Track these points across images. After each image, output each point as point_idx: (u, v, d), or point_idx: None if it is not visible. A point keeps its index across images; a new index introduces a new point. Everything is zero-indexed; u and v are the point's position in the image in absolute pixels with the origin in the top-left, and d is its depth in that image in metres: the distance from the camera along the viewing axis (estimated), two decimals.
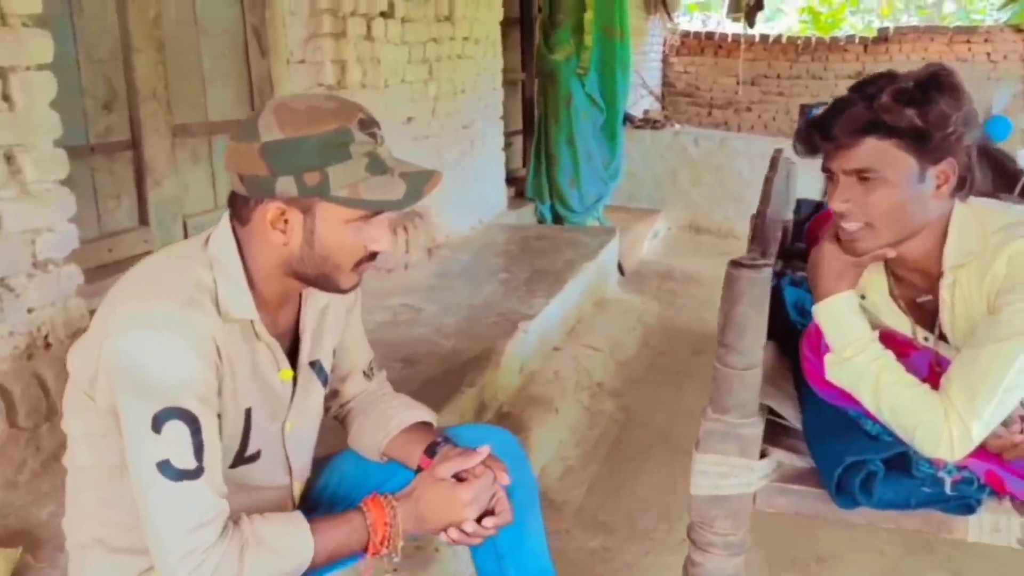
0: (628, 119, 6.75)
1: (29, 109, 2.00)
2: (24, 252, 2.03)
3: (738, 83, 8.84)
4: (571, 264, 4.05)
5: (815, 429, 1.60)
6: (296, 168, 1.17)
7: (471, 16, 4.49)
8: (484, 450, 1.40)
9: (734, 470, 1.49)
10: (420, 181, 1.24)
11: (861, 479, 1.43)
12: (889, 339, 1.58)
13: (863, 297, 1.63)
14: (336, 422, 1.61)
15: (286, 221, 1.22)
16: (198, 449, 1.15)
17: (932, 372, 1.54)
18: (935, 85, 1.39)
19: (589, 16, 5.54)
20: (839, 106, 1.44)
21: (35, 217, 2.04)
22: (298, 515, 1.26)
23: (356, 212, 1.22)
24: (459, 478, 1.37)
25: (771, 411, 1.59)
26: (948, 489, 1.43)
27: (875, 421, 1.50)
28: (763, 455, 1.54)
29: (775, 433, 1.60)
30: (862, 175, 1.40)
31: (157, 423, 1.13)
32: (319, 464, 1.57)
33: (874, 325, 1.55)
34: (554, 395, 3.14)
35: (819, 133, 1.44)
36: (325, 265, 1.26)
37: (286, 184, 1.18)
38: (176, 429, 1.13)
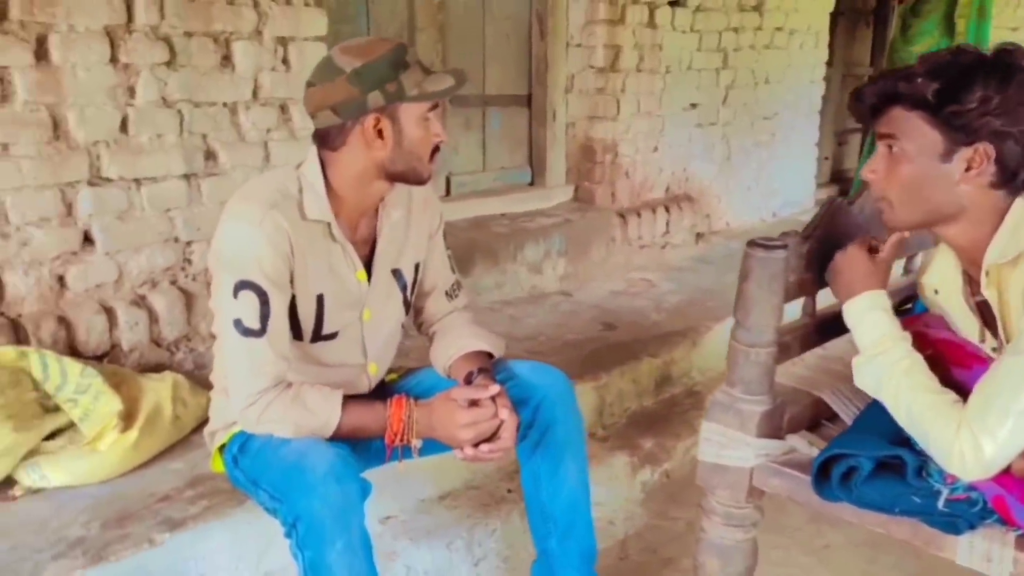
0: None
1: (300, 71, 2.57)
2: None
3: None
4: None
5: (854, 426, 1.58)
6: (379, 82, 1.49)
7: (786, 7, 4.44)
8: (494, 388, 1.60)
9: (732, 442, 1.54)
10: (459, 74, 1.58)
11: (842, 472, 1.41)
12: (952, 349, 1.51)
13: (936, 292, 1.57)
14: (427, 339, 1.92)
15: (382, 129, 1.55)
16: (264, 317, 1.53)
17: None
18: (985, 65, 1.31)
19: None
20: (883, 73, 1.43)
21: (299, 155, 2.62)
22: (339, 393, 1.59)
23: (424, 106, 1.53)
24: (474, 404, 1.61)
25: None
26: (940, 504, 1.35)
27: None
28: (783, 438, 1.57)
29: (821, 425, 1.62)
30: (889, 143, 1.38)
31: (235, 290, 1.52)
32: (407, 371, 1.90)
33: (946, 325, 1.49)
34: None
35: (854, 98, 1.44)
36: (412, 159, 1.57)
37: (375, 98, 1.51)
38: (248, 297, 1.52)
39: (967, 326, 1.51)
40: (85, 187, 2.21)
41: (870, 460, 1.41)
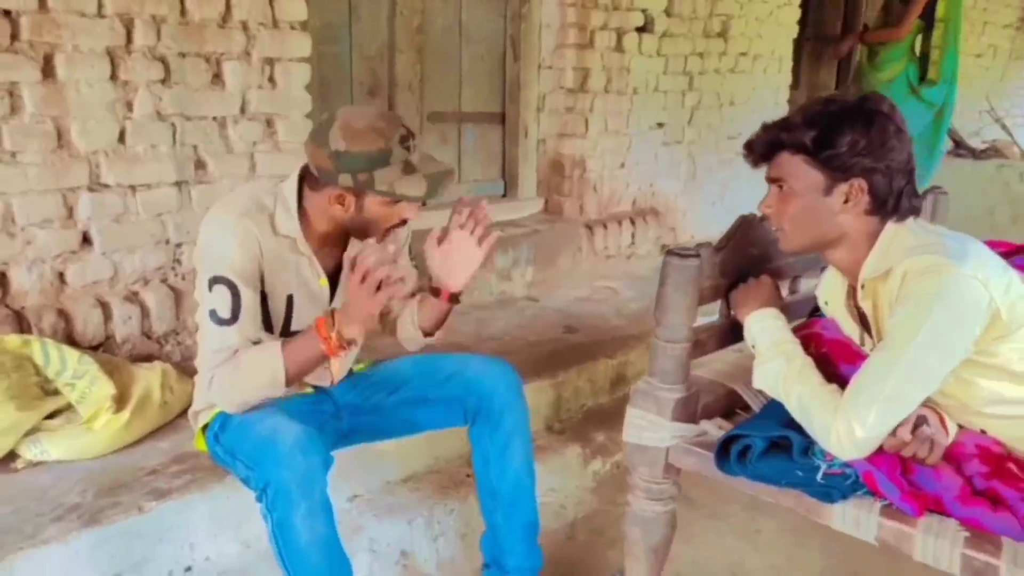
0: (957, 144, 6.31)
1: (287, 89, 2.80)
2: None
3: None
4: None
5: (758, 414, 1.81)
6: (352, 169, 1.68)
7: (750, 33, 4.69)
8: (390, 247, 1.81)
9: (651, 425, 1.76)
10: (437, 182, 1.72)
11: (739, 451, 1.64)
12: (842, 348, 1.74)
13: (826, 303, 1.80)
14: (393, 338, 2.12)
15: (343, 201, 1.76)
16: (235, 308, 1.73)
17: None
18: (852, 112, 1.54)
19: (940, 29, 5.38)
20: (762, 126, 1.66)
21: (283, 167, 2.85)
22: (275, 342, 1.74)
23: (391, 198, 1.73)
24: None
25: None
26: (819, 477, 1.58)
27: None
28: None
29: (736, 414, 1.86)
30: (777, 183, 1.62)
31: (211, 284, 1.73)
32: (374, 362, 2.11)
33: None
34: None
35: (746, 148, 1.68)
36: (368, 226, 1.78)
37: (345, 178, 1.70)
38: (221, 291, 1.72)
39: (850, 331, 1.75)
40: (85, 192, 2.42)
41: (763, 440, 1.64)
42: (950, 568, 1.46)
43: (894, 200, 1.56)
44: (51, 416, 2.10)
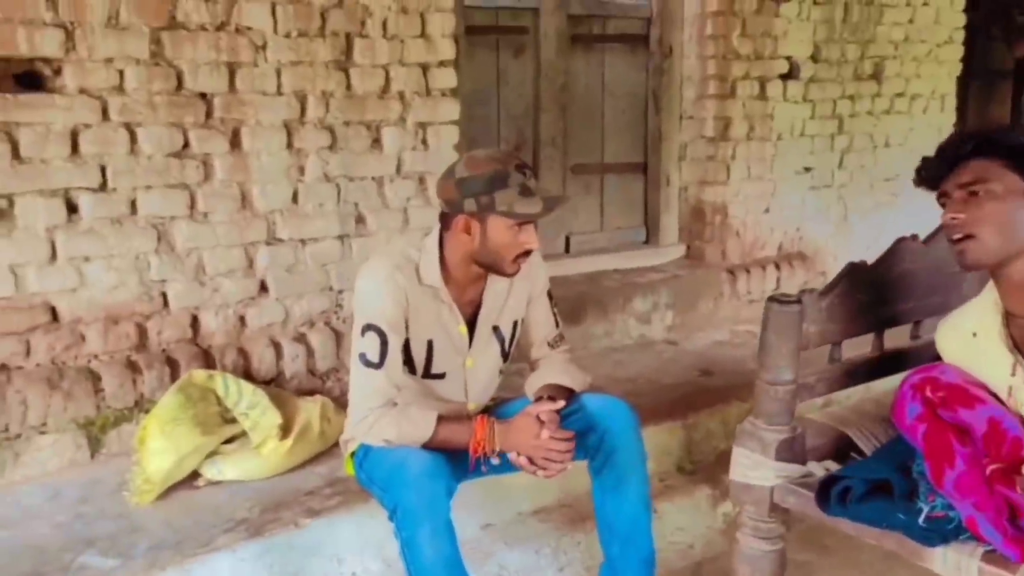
0: None
1: (437, 149, 3.08)
2: None
3: None
4: None
5: (870, 457, 1.85)
6: (475, 193, 1.93)
7: (907, 73, 4.60)
8: (557, 404, 1.99)
9: (755, 464, 1.84)
10: (553, 202, 1.95)
11: (839, 492, 1.68)
12: (960, 392, 1.72)
13: (974, 335, 1.75)
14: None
15: (469, 228, 1.99)
16: (383, 354, 1.97)
17: (990, 427, 1.67)
18: None
19: None
20: (954, 135, 1.70)
21: (433, 219, 3.08)
22: (435, 413, 1.99)
23: (512, 221, 1.93)
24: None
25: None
26: (921, 520, 1.60)
27: (925, 460, 1.70)
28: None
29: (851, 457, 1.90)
30: (971, 188, 1.60)
31: (363, 331, 1.99)
32: (503, 400, 2.29)
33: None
34: None
35: (936, 155, 1.69)
36: (495, 256, 1.98)
37: (470, 203, 1.94)
38: (371, 337, 1.97)
39: (999, 363, 1.69)
40: (263, 246, 2.78)
41: (863, 483, 1.68)
42: None
43: None
44: (228, 441, 2.42)
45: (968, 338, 1.76)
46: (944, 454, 1.65)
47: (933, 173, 1.68)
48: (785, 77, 4.09)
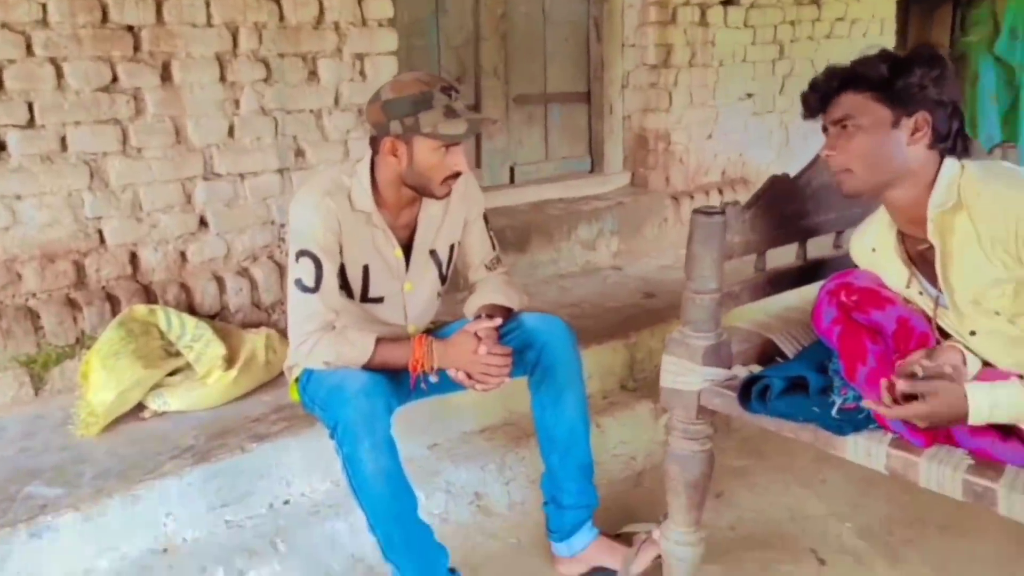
0: None
1: (375, 80, 3.05)
2: None
3: None
4: None
5: (793, 359, 1.93)
6: (399, 115, 1.93)
7: None
8: (495, 321, 2.04)
9: (683, 370, 1.90)
10: (477, 124, 1.96)
11: (759, 390, 1.76)
12: (872, 295, 1.81)
13: (873, 250, 1.85)
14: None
15: (396, 150, 2.00)
16: (318, 278, 1.99)
17: (899, 326, 1.77)
18: (916, 51, 1.63)
19: None
20: (827, 69, 1.73)
21: None
22: (374, 335, 2.02)
23: (438, 142, 1.95)
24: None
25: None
26: (834, 412, 1.68)
27: (840, 359, 1.78)
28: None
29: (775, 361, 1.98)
30: (842, 123, 1.66)
31: (297, 256, 2.00)
32: (443, 323, 2.33)
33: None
34: None
35: (810, 89, 1.74)
36: (422, 178, 1.99)
37: (396, 126, 1.95)
38: (306, 263, 1.99)
39: (896, 275, 1.79)
40: (201, 181, 2.77)
41: (781, 381, 1.76)
42: (952, 492, 1.54)
43: (952, 138, 1.62)
44: (173, 374, 2.44)
45: (869, 252, 1.86)
46: (857, 353, 1.75)
47: (812, 108, 1.73)
48: (726, 3, 4.10)
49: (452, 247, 2.21)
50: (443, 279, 2.24)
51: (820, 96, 1.70)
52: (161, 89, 2.64)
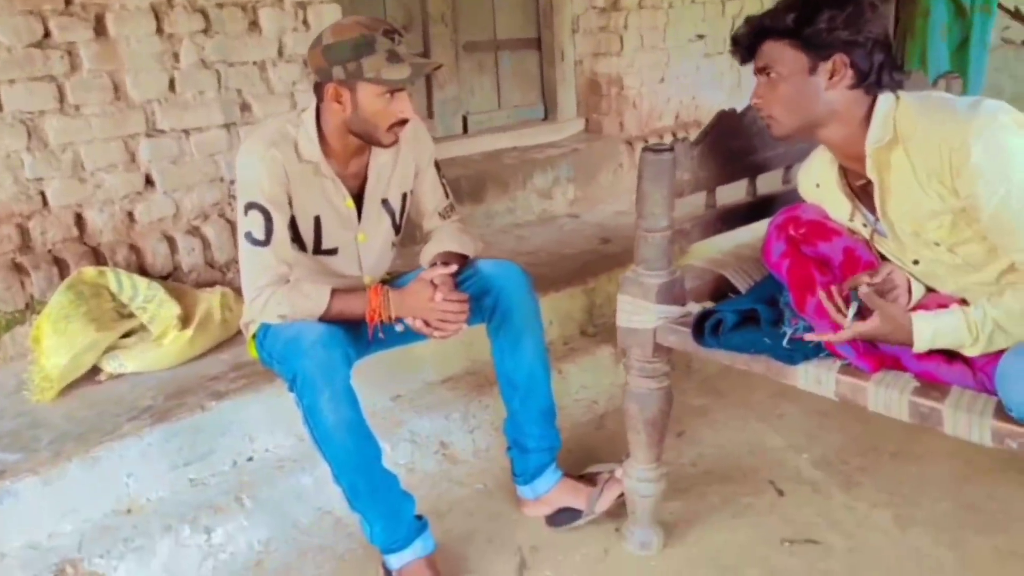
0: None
1: (319, 29, 2.92)
2: None
3: None
4: None
5: (745, 294, 1.95)
6: (342, 60, 1.89)
7: None
8: (450, 268, 2.03)
9: (638, 309, 1.92)
10: (421, 67, 1.91)
11: (712, 324, 1.78)
12: (819, 227, 1.85)
13: (816, 185, 1.88)
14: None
15: (340, 97, 1.96)
16: (268, 231, 1.96)
17: (846, 256, 1.80)
18: None
19: None
20: (745, 20, 1.75)
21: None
22: (329, 287, 2.00)
23: (382, 88, 1.91)
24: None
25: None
26: (784, 343, 1.71)
27: (789, 291, 1.81)
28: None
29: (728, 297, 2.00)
30: (765, 71, 1.68)
31: (246, 210, 1.97)
32: (400, 274, 2.32)
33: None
34: None
35: (732, 43, 1.76)
36: (368, 125, 1.95)
37: (338, 71, 1.91)
38: (255, 215, 1.96)
39: (840, 208, 1.82)
40: (144, 138, 2.70)
41: (733, 314, 1.78)
42: (899, 415, 1.58)
43: (876, 73, 1.62)
44: (127, 335, 2.40)
45: (814, 187, 1.89)
46: (806, 284, 1.77)
47: (742, 57, 1.75)
48: None
49: (405, 196, 2.19)
50: (397, 229, 2.22)
51: (744, 48, 1.72)
52: (96, 43, 2.56)
